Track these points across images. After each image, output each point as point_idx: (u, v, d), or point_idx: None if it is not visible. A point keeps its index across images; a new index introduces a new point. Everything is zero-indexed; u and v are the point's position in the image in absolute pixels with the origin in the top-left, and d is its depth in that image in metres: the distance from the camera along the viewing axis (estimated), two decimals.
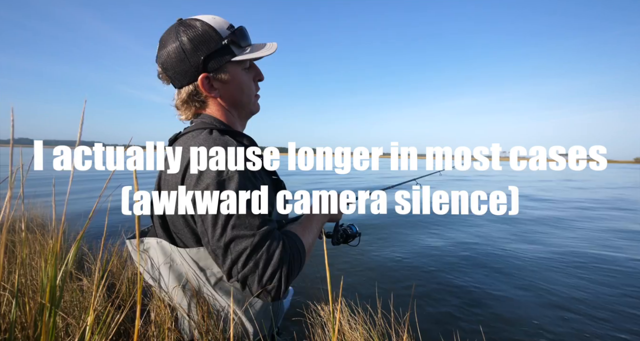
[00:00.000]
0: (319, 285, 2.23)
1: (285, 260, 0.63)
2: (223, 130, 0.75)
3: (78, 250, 0.62)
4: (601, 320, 1.95)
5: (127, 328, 1.02)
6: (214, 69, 0.74)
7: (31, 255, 1.32)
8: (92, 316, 0.59)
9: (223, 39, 0.73)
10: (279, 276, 0.62)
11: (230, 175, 0.63)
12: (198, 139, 0.70)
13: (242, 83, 0.80)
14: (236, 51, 0.76)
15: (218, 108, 0.80)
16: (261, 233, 0.62)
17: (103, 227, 0.66)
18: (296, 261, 0.66)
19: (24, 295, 0.71)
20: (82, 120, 0.60)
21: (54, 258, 0.57)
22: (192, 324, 0.75)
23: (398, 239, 3.70)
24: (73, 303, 1.03)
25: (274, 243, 0.63)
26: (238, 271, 0.62)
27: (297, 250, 0.67)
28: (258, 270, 0.61)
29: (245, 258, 0.61)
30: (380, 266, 2.78)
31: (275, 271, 0.62)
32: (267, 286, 0.62)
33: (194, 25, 0.72)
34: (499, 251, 3.32)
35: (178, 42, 0.71)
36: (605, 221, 5.22)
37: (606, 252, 3.38)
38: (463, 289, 2.35)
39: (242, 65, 0.79)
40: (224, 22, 0.76)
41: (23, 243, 0.77)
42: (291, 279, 0.65)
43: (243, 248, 0.61)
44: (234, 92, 0.79)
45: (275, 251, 0.62)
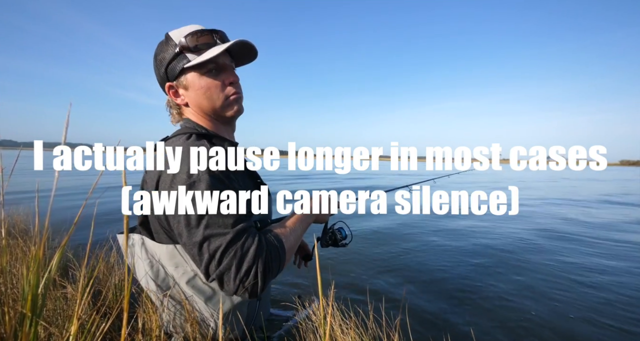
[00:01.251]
0: (309, 288, 2.22)
1: (261, 256, 0.63)
2: (202, 134, 0.78)
3: (62, 256, 0.60)
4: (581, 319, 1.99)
5: (113, 337, 1.00)
6: (173, 77, 0.78)
7: (12, 262, 1.27)
8: (75, 325, 0.57)
9: (177, 46, 0.75)
10: (255, 272, 0.63)
11: (200, 177, 0.65)
12: (174, 144, 0.73)
13: (202, 87, 0.78)
14: (190, 56, 0.75)
15: (192, 112, 0.84)
16: (235, 230, 0.63)
17: (89, 232, 0.65)
18: (274, 258, 0.67)
19: (3, 304, 0.68)
20: (67, 123, 0.59)
21: (37, 265, 0.55)
22: (169, 321, 0.77)
23: (393, 238, 3.72)
24: (56, 312, 0.99)
25: (248, 239, 0.64)
26: (214, 269, 0.63)
27: (274, 247, 0.68)
28: (233, 266, 0.62)
29: (220, 256, 0.62)
30: (374, 268, 2.79)
31: (250, 267, 0.62)
32: (243, 282, 0.62)
33: (163, 40, 0.77)
34: (498, 252, 3.37)
35: (154, 58, 0.80)
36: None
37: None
38: (458, 290, 2.38)
39: (203, 69, 0.77)
40: (188, 29, 0.75)
41: (4, 250, 0.74)
42: (269, 275, 0.65)
43: (217, 246, 0.62)
44: (196, 97, 0.80)
45: (250, 247, 0.63)
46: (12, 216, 3.01)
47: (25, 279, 0.60)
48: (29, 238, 2.09)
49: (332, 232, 1.05)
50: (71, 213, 4.24)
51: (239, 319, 0.79)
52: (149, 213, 0.75)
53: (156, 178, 0.70)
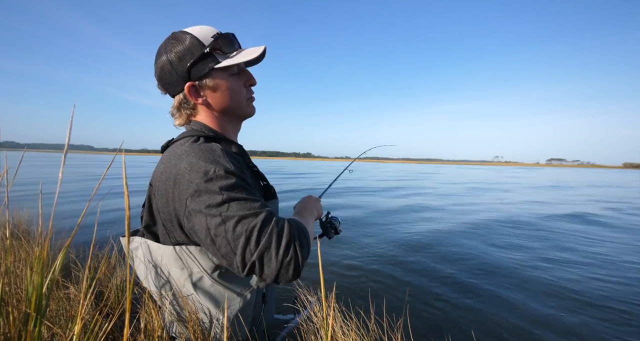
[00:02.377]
0: (310, 289, 2.22)
1: (295, 234, 0.62)
2: (210, 137, 0.78)
3: (65, 257, 0.61)
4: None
5: (115, 337, 1.00)
6: (198, 76, 0.77)
7: (16, 263, 1.28)
8: (79, 325, 0.58)
9: (205, 47, 0.76)
10: (294, 248, 0.60)
11: (216, 174, 0.64)
12: (183, 147, 0.72)
13: (228, 88, 0.81)
14: (219, 58, 0.78)
15: (207, 114, 0.83)
16: (266, 210, 0.62)
17: (92, 233, 0.65)
18: (304, 237, 0.65)
19: (7, 304, 0.68)
20: (70, 125, 0.59)
21: (40, 265, 0.56)
22: (175, 324, 0.76)
23: (389, 236, 3.72)
24: (59, 312, 1.00)
25: (279, 219, 0.63)
26: (253, 250, 0.59)
27: (302, 229, 0.67)
28: (272, 242, 0.59)
29: (257, 235, 0.59)
30: (372, 269, 2.78)
31: (289, 241, 0.60)
32: (285, 258, 0.59)
33: (180, 38, 0.76)
34: (496, 253, 3.36)
35: (167, 55, 0.76)
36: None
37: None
38: (457, 291, 2.37)
39: (228, 71, 0.80)
40: (210, 30, 0.78)
41: (8, 251, 0.75)
42: (306, 253, 0.63)
43: (252, 226, 0.59)
44: (221, 98, 0.81)
45: (284, 224, 0.62)
46: (15, 217, 3.03)
47: (29, 279, 0.61)
48: (32, 238, 2.10)
49: (330, 223, 1.09)
50: (72, 215, 4.26)
51: (242, 322, 0.79)
52: (165, 218, 0.72)
53: (171, 181, 0.68)
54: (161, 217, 0.73)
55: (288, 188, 10.56)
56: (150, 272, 0.77)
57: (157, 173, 0.74)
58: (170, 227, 0.72)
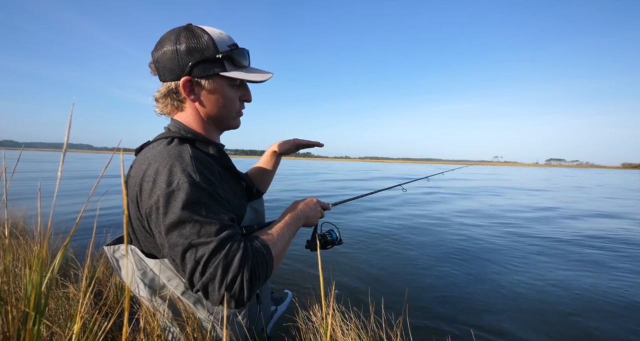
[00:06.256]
0: (309, 289, 2.21)
1: (246, 265, 0.62)
2: (187, 138, 0.77)
3: (64, 255, 0.61)
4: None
5: (114, 336, 1.00)
6: (198, 75, 0.76)
7: (14, 262, 1.28)
8: (78, 324, 0.58)
9: (219, 52, 0.75)
10: (240, 282, 0.61)
11: (180, 186, 0.63)
12: (154, 151, 0.71)
13: (224, 97, 0.80)
14: (228, 67, 0.77)
15: (193, 112, 0.82)
16: (219, 239, 0.61)
17: (91, 232, 0.65)
18: (261, 266, 0.65)
19: (6, 303, 0.68)
20: (69, 124, 0.59)
21: (39, 264, 0.55)
22: (168, 328, 0.76)
23: (388, 240, 3.72)
24: (58, 311, 1.00)
25: (233, 247, 0.62)
26: (197, 280, 0.61)
27: (261, 254, 0.67)
28: (217, 276, 0.60)
29: (203, 266, 0.60)
30: (372, 270, 2.78)
31: (235, 276, 0.60)
32: (228, 291, 0.60)
33: (197, 34, 0.75)
34: (495, 252, 3.36)
35: (176, 43, 0.75)
36: None
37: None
38: (457, 291, 2.37)
39: (232, 81, 0.80)
40: (228, 39, 0.78)
41: (6, 250, 0.74)
42: (255, 284, 0.63)
43: (200, 256, 0.60)
44: (214, 103, 0.80)
45: (235, 256, 0.61)
46: (13, 215, 3.02)
47: (28, 278, 0.60)
48: (30, 237, 2.09)
49: (322, 236, 1.05)
50: (69, 215, 4.24)
51: (240, 324, 0.79)
52: (134, 224, 0.73)
53: (137, 187, 0.68)
54: (133, 223, 0.73)
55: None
56: (139, 283, 0.76)
57: (128, 177, 0.73)
58: (144, 234, 0.72)
